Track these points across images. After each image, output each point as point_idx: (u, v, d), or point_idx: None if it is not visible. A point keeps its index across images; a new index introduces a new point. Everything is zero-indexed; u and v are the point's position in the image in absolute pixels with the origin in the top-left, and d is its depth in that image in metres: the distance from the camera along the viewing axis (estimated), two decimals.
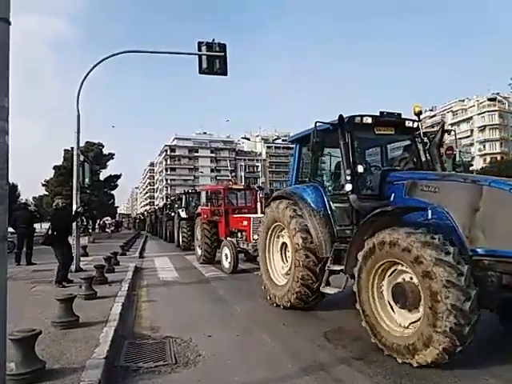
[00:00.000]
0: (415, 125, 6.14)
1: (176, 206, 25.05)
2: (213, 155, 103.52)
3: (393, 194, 5.26)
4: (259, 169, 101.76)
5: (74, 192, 10.96)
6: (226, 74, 11.70)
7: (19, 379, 3.40)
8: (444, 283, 3.73)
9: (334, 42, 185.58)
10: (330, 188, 6.53)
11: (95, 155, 38.40)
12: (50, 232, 8.82)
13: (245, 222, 11.48)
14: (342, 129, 5.64)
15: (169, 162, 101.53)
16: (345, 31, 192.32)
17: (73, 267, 10.57)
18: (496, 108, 71.25)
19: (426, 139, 6.40)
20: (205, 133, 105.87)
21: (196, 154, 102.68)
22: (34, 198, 52.25)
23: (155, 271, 12.14)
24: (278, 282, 6.98)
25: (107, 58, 10.98)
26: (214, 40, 11.53)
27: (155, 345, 4.94)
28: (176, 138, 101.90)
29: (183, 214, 19.78)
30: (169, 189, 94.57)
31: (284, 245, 7.10)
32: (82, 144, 22.66)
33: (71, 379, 3.51)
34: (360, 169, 5.54)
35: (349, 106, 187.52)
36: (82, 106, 11.11)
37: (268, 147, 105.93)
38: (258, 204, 12.45)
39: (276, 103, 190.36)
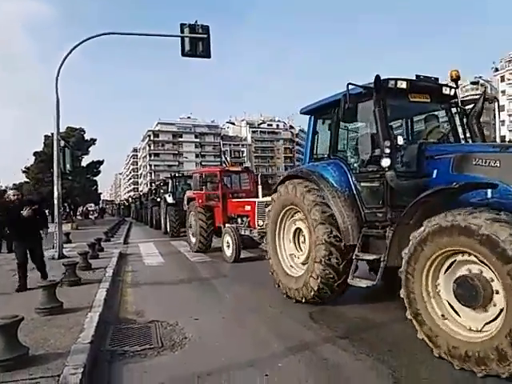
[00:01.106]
0: (452, 92, 5.44)
1: (162, 191, 24.49)
2: (197, 140, 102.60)
3: (435, 171, 4.57)
4: (244, 154, 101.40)
5: (55, 178, 10.77)
6: (209, 57, 11.53)
7: (2, 365, 3.36)
8: None
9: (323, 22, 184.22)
10: (355, 165, 5.61)
11: (77, 141, 37.58)
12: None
13: (247, 207, 10.55)
14: (377, 93, 4.80)
15: (152, 148, 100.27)
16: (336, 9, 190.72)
17: (56, 254, 10.47)
18: (479, 92, 71.88)
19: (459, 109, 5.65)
20: (189, 117, 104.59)
21: (180, 139, 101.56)
22: (14, 185, 51.13)
23: (140, 257, 12.09)
24: (291, 272, 6.22)
25: (86, 40, 10.70)
26: (196, 22, 11.31)
27: (141, 329, 4.93)
28: (159, 123, 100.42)
29: (170, 200, 19.10)
30: (153, 174, 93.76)
31: (298, 231, 6.28)
32: (62, 129, 22.22)
33: (56, 364, 3.48)
34: (400, 140, 4.78)
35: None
36: (63, 91, 10.86)
37: (253, 132, 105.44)
38: (260, 187, 11.35)
39: (261, 87, 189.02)
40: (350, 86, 4.92)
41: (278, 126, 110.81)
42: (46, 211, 10.66)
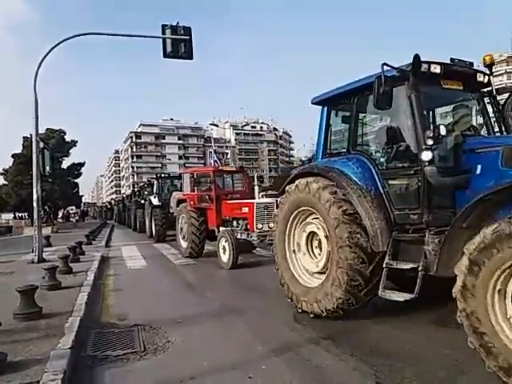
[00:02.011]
0: (486, 79, 4.92)
1: (146, 192, 23.76)
2: (181, 142, 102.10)
3: (478, 166, 4.04)
4: (229, 156, 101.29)
5: (34, 181, 10.55)
6: (191, 58, 11.48)
7: None
8: None
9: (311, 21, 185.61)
10: (381, 160, 4.97)
11: (57, 143, 36.96)
12: None
13: (245, 209, 9.89)
14: (414, 76, 4.29)
15: (135, 150, 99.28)
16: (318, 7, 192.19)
17: (35, 258, 10.25)
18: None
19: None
20: (172, 119, 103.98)
21: (163, 141, 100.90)
22: None
23: (123, 260, 11.93)
24: (305, 281, 5.49)
25: (65, 40, 10.54)
26: (178, 23, 11.23)
27: (123, 333, 4.86)
28: (142, 125, 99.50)
29: (156, 201, 18.28)
30: (135, 176, 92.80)
31: (312, 235, 5.55)
32: (42, 131, 21.85)
33: (35, 370, 3.40)
34: (443, 130, 4.18)
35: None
36: (42, 92, 10.85)
37: (237, 134, 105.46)
38: (256, 188, 11.27)
39: (245, 89, 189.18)
40: (385, 68, 4.26)
41: (261, 128, 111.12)
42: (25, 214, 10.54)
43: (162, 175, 20.94)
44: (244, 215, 9.97)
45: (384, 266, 4.44)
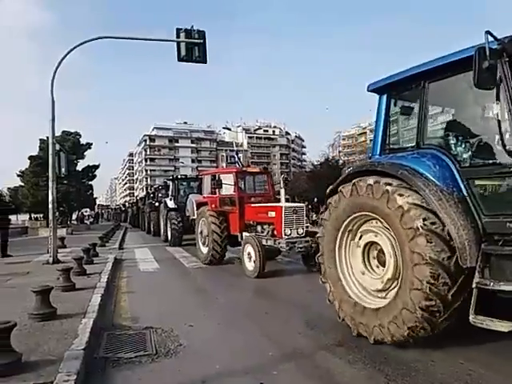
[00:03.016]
0: None
1: (160, 195, 23.34)
2: (194, 145, 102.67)
3: None
4: (241, 159, 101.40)
5: (50, 182, 10.71)
6: (205, 62, 11.56)
7: None
8: None
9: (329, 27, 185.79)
10: (464, 156, 4.19)
11: (72, 145, 37.49)
12: None
13: (271, 213, 9.20)
14: None
15: (148, 153, 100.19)
16: (329, 12, 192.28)
17: (50, 259, 10.39)
18: None
19: None
20: (185, 122, 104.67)
21: (176, 144, 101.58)
22: (8, 189, 50.89)
23: (135, 262, 12.02)
24: (362, 300, 4.65)
25: (81, 43, 10.72)
26: (192, 27, 11.33)
27: (135, 335, 4.89)
28: (155, 128, 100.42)
29: (171, 204, 17.46)
30: (148, 179, 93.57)
31: (370, 245, 4.73)
32: (58, 133, 22.16)
33: (49, 371, 3.44)
34: None
35: (337, 96, 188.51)
36: (58, 96, 10.84)
37: (249, 137, 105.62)
38: (282, 191, 9.88)
39: (257, 93, 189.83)
40: (489, 38, 3.55)
41: (274, 132, 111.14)
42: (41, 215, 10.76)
43: (179, 177, 19.84)
44: (270, 220, 9.28)
45: (474, 286, 3.64)
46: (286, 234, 8.77)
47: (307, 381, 3.64)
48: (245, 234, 10.01)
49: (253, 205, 10.23)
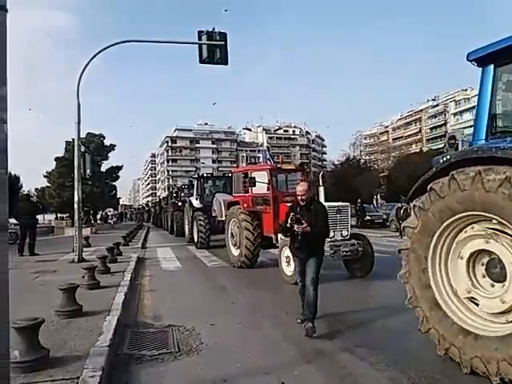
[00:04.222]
0: None
1: (183, 194, 23.03)
2: (214, 146, 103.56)
3: None
4: (260, 160, 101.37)
5: (76, 183, 10.98)
6: (226, 64, 11.61)
7: (24, 367, 3.42)
8: None
9: (338, 28, 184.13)
10: None
11: (97, 146, 38.35)
12: None
13: None
14: None
15: (170, 153, 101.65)
16: (346, 16, 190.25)
17: (76, 257, 10.65)
18: None
19: None
20: (206, 124, 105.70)
21: (197, 145, 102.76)
22: (36, 189, 52.33)
23: (158, 261, 12.20)
24: (471, 327, 3.65)
25: (106, 47, 10.92)
26: (214, 29, 11.41)
27: (158, 333, 4.97)
28: (177, 129, 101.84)
29: (197, 204, 16.72)
30: (170, 180, 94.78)
31: (478, 255, 3.70)
32: (83, 135, 22.71)
33: (75, 366, 3.53)
34: None
35: (354, 96, 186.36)
36: (83, 99, 11.10)
37: (270, 138, 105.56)
38: (322, 189, 8.81)
39: (277, 93, 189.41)
40: None
41: (294, 131, 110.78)
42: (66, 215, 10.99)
43: (204, 175, 18.86)
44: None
45: None
46: (329, 237, 7.50)
47: (328, 381, 3.61)
48: (280, 235, 8.83)
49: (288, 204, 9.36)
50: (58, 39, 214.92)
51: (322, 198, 8.70)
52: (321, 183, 9.21)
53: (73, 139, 12.63)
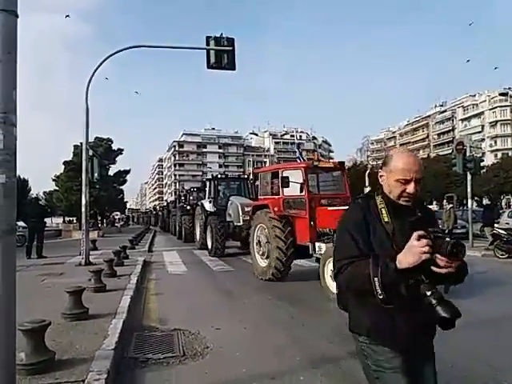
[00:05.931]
0: None
1: (191, 198, 22.20)
2: (221, 151, 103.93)
3: None
4: (267, 164, 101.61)
5: (83, 187, 11.06)
6: (234, 69, 11.65)
7: (29, 369, 3.43)
8: None
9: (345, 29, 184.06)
10: None
11: (104, 151, 38.60)
12: None
13: None
14: None
15: (177, 158, 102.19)
16: (354, 20, 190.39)
17: (82, 261, 10.70)
18: (507, 103, 70.21)
19: None
20: (213, 128, 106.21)
21: (204, 150, 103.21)
22: (44, 192, 52.77)
23: (164, 265, 12.21)
24: None
25: (115, 53, 11.03)
26: (222, 34, 11.47)
27: (163, 337, 4.96)
28: (184, 134, 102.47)
29: (210, 207, 15.12)
30: (177, 184, 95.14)
31: None
32: (91, 139, 22.85)
33: (81, 369, 3.53)
34: None
35: (358, 100, 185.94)
36: (91, 103, 11.19)
37: (276, 143, 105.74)
38: (367, 190, 7.82)
39: (284, 98, 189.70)
40: None
41: (300, 136, 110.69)
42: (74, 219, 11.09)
43: (219, 176, 17.26)
44: None
45: None
46: None
47: None
48: (319, 244, 8.15)
49: (329, 207, 8.22)
50: (67, 41, 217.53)
51: None
52: (367, 184, 8.50)
53: (81, 143, 12.71)
